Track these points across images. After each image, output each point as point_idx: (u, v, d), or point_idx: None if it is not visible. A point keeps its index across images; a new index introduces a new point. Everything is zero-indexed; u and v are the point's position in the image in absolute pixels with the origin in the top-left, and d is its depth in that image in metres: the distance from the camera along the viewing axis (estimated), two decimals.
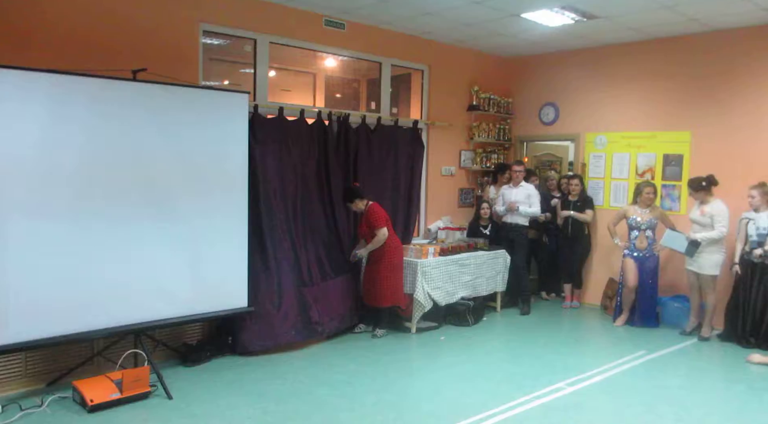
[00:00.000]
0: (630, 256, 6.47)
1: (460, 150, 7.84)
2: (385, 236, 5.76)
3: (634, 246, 6.45)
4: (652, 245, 6.40)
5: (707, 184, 5.95)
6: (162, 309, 4.56)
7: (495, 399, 4.35)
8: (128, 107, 4.34)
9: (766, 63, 6.07)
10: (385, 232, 5.76)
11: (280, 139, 5.77)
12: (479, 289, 6.70)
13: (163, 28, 5.10)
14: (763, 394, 4.64)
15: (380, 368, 5.04)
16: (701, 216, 5.94)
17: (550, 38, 6.98)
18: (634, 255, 6.44)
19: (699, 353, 5.74)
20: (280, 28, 5.92)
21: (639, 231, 6.41)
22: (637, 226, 6.41)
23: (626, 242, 6.53)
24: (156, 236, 4.51)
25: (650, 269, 6.42)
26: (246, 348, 5.22)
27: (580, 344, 5.99)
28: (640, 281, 6.42)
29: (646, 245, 6.40)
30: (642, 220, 6.38)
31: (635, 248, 6.44)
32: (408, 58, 7.17)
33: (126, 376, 4.11)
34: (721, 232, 5.82)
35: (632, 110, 7.12)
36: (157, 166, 4.51)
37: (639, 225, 6.39)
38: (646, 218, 6.38)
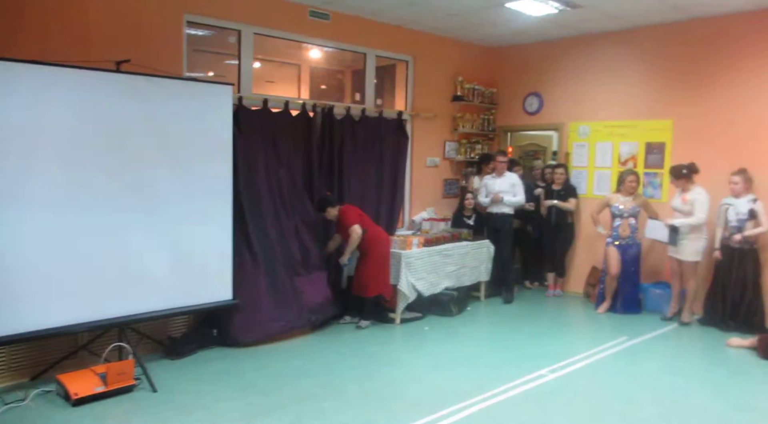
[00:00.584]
0: (613, 244, 6.55)
1: (445, 141, 7.86)
2: (358, 232, 5.78)
3: (617, 234, 6.52)
4: (634, 232, 6.47)
5: (688, 172, 6.02)
6: (146, 302, 4.55)
7: (478, 387, 4.39)
8: (111, 98, 4.31)
9: (747, 50, 6.13)
10: (356, 228, 5.78)
11: (265, 130, 5.76)
12: (463, 279, 6.75)
13: (146, 18, 5.06)
14: (741, 377, 4.75)
15: (365, 358, 5.07)
16: (683, 204, 6.02)
17: (533, 28, 7.00)
18: (617, 243, 6.52)
19: (679, 337, 5.84)
20: (265, 19, 5.89)
21: (622, 219, 6.48)
22: (620, 214, 6.48)
23: (609, 231, 6.60)
24: (141, 228, 4.50)
25: (633, 256, 6.50)
26: (236, 339, 5.22)
27: (563, 332, 6.06)
28: (622, 269, 6.50)
29: (629, 233, 6.48)
30: (625, 208, 6.45)
31: (618, 236, 6.52)
32: (393, 48, 7.16)
33: (110, 369, 4.11)
34: (699, 218, 5.90)
35: (614, 99, 7.17)
36: (142, 158, 4.50)
37: (622, 213, 6.46)
38: (629, 205, 6.45)
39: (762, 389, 4.53)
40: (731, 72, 6.25)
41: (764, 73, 6.02)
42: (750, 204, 5.75)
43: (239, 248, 5.33)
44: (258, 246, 5.56)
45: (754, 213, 5.72)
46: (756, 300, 5.85)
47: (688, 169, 6.02)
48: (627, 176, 6.48)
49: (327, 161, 6.33)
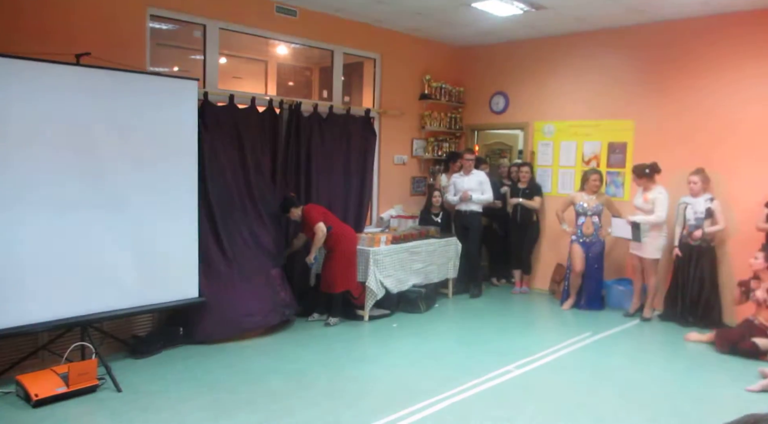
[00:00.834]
0: (577, 241, 6.67)
1: (412, 139, 7.89)
2: (323, 230, 5.78)
3: (581, 232, 6.65)
4: (598, 230, 6.61)
5: (650, 172, 6.18)
6: (109, 300, 4.45)
7: (446, 384, 4.43)
8: (71, 93, 4.19)
9: (704, 54, 6.31)
10: (321, 226, 5.78)
11: (231, 127, 5.70)
12: (431, 276, 6.80)
13: (108, 11, 4.94)
14: (700, 370, 4.89)
15: (333, 355, 5.06)
16: (644, 203, 6.17)
17: (500, 28, 7.08)
18: (581, 241, 6.65)
19: (641, 333, 5.99)
20: (231, 14, 5.82)
21: (585, 217, 6.61)
22: (583, 212, 6.61)
23: (573, 228, 6.73)
24: (103, 225, 4.40)
25: (596, 253, 6.63)
26: (210, 336, 5.15)
27: (529, 328, 6.15)
28: (586, 266, 6.63)
29: (592, 231, 6.61)
30: (588, 206, 6.59)
31: (582, 234, 6.65)
32: (360, 46, 7.16)
33: (72, 369, 4.01)
34: (659, 216, 6.06)
35: (578, 99, 7.31)
36: (104, 154, 4.39)
37: (586, 211, 6.60)
38: (593, 204, 6.58)
39: (719, 382, 4.68)
40: (690, 74, 6.43)
41: (721, 76, 6.21)
42: (707, 203, 5.93)
43: (207, 245, 5.27)
44: (227, 242, 5.51)
45: (711, 212, 5.90)
46: (713, 296, 6.04)
47: (651, 169, 6.18)
48: (591, 175, 6.61)
49: (294, 158, 6.29)
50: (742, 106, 6.08)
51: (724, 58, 6.19)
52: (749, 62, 6.03)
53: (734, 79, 6.13)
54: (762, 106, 5.96)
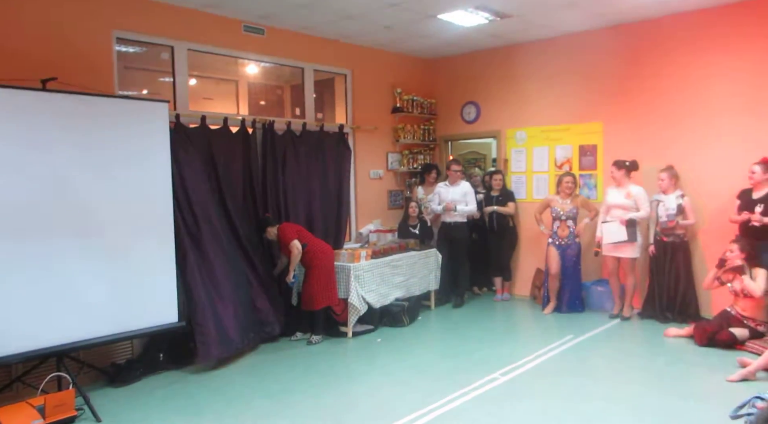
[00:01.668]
0: (553, 244, 6.74)
1: (387, 152, 7.92)
2: (298, 247, 5.76)
3: (556, 235, 6.72)
4: (573, 233, 6.68)
5: (630, 167, 6.29)
6: (86, 329, 4.35)
7: (432, 396, 4.40)
8: (37, 119, 4.13)
9: (665, 53, 6.46)
10: (296, 243, 5.76)
11: (204, 148, 5.68)
12: (413, 289, 6.78)
13: (73, 35, 4.91)
14: (681, 364, 4.95)
15: (318, 374, 5.01)
16: (626, 199, 6.23)
17: (467, 38, 7.18)
18: (557, 243, 6.71)
19: (622, 332, 6.03)
20: (199, 35, 5.82)
21: (560, 221, 6.68)
22: (557, 216, 6.69)
23: (549, 230, 6.79)
24: (76, 252, 4.31)
25: (572, 256, 6.70)
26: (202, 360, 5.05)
27: (512, 335, 6.16)
28: (563, 269, 6.69)
29: (567, 234, 6.67)
30: (562, 210, 6.66)
31: (557, 237, 6.71)
32: (330, 62, 7.19)
33: (49, 401, 3.90)
34: (647, 210, 6.16)
35: (548, 105, 7.41)
36: (75, 180, 4.32)
37: (560, 215, 6.67)
38: (567, 208, 6.66)
39: (700, 375, 4.74)
40: (653, 75, 6.56)
41: (684, 76, 6.35)
42: (678, 200, 6.03)
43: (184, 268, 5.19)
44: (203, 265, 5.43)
45: (682, 208, 6.00)
46: (689, 291, 6.13)
47: (631, 164, 6.30)
48: (564, 178, 6.70)
49: (270, 177, 6.26)
50: (705, 102, 6.22)
51: (684, 56, 6.34)
52: (709, 59, 6.18)
53: (696, 76, 6.27)
54: (724, 101, 6.10)
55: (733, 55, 6.04)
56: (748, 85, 5.97)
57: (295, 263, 5.79)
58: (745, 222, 5.54)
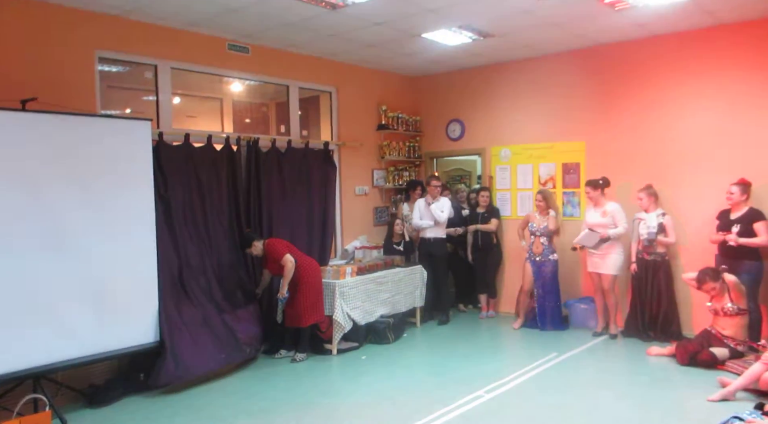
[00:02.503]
0: (528, 260, 6.80)
1: (372, 169, 7.94)
2: (292, 262, 5.74)
3: (531, 251, 6.77)
4: (547, 250, 6.71)
5: (603, 183, 6.35)
6: (63, 350, 4.31)
7: (417, 413, 4.39)
8: (17, 139, 4.11)
9: (645, 74, 6.55)
10: (289, 258, 5.74)
11: (188, 166, 5.67)
12: (398, 306, 6.77)
13: (55, 55, 4.90)
14: (662, 383, 4.96)
15: (301, 392, 4.98)
16: (603, 218, 6.29)
17: (451, 57, 7.24)
18: (532, 259, 6.79)
19: (606, 350, 6.04)
20: (182, 53, 5.83)
21: (535, 237, 6.73)
22: (533, 232, 6.76)
23: (527, 245, 6.85)
24: (55, 270, 4.29)
25: (548, 273, 6.74)
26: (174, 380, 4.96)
27: (497, 352, 6.16)
28: (541, 286, 6.74)
29: (541, 250, 6.73)
30: (537, 227, 6.72)
31: (532, 253, 6.76)
32: (315, 80, 7.22)
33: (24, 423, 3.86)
34: (625, 227, 6.21)
35: (532, 123, 7.48)
36: (55, 199, 4.31)
37: (535, 231, 6.74)
38: (542, 224, 6.71)
39: (681, 394, 4.75)
40: (632, 95, 6.66)
41: (663, 97, 6.44)
42: (659, 218, 6.08)
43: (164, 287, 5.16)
44: (184, 284, 5.41)
45: (663, 227, 6.05)
46: (671, 310, 6.15)
47: (603, 182, 6.37)
48: (536, 196, 6.82)
49: (255, 194, 6.26)
50: (684, 122, 6.31)
51: (663, 77, 6.44)
52: (688, 80, 6.28)
53: (675, 97, 6.37)
54: (702, 121, 6.19)
55: (711, 76, 6.14)
56: (726, 107, 6.06)
57: (289, 278, 5.75)
58: (723, 242, 5.60)
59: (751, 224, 5.51)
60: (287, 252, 5.78)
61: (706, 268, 5.42)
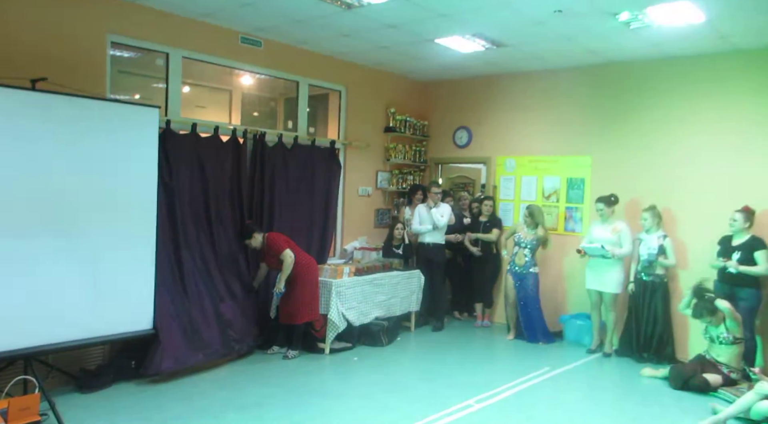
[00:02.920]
0: (510, 272, 6.82)
1: (377, 171, 7.93)
2: (292, 257, 5.74)
3: (514, 262, 6.78)
4: (529, 263, 6.70)
5: (614, 200, 6.34)
6: (56, 332, 4.28)
7: (405, 418, 4.38)
8: (24, 118, 4.09)
9: (655, 94, 6.54)
10: (289, 253, 5.74)
11: (193, 155, 5.65)
12: (393, 309, 6.76)
13: (67, 37, 4.88)
14: (654, 405, 4.94)
15: (292, 390, 4.96)
16: (612, 233, 6.25)
17: (463, 64, 7.23)
18: (513, 271, 6.80)
19: (599, 368, 6.03)
20: (195, 43, 5.82)
21: (519, 248, 6.73)
22: (518, 242, 6.76)
23: (509, 256, 6.87)
24: (53, 254, 4.25)
25: (529, 285, 6.73)
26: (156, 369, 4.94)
27: (490, 362, 6.14)
28: (524, 299, 6.74)
29: (524, 262, 6.72)
30: (524, 238, 6.72)
31: (514, 264, 6.77)
32: (325, 78, 7.21)
33: (12, 404, 3.81)
34: (628, 249, 6.17)
35: (538, 135, 7.47)
36: (58, 180, 4.27)
37: (520, 242, 6.74)
38: (529, 237, 6.71)
39: (672, 418, 4.72)
40: (641, 113, 6.64)
41: (671, 118, 6.43)
42: (660, 240, 6.05)
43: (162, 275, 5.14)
44: (181, 274, 5.40)
45: (663, 249, 6.03)
46: (666, 332, 6.12)
47: (615, 198, 6.35)
48: (524, 211, 6.82)
49: (258, 188, 6.25)
50: (691, 145, 6.30)
51: (673, 98, 6.42)
52: (696, 103, 6.28)
53: (683, 119, 6.36)
54: (709, 145, 6.18)
55: (721, 101, 6.13)
56: (734, 133, 6.05)
57: (287, 273, 5.74)
58: (723, 268, 5.58)
59: (752, 252, 5.49)
60: (287, 247, 5.77)
61: (699, 302, 5.33)
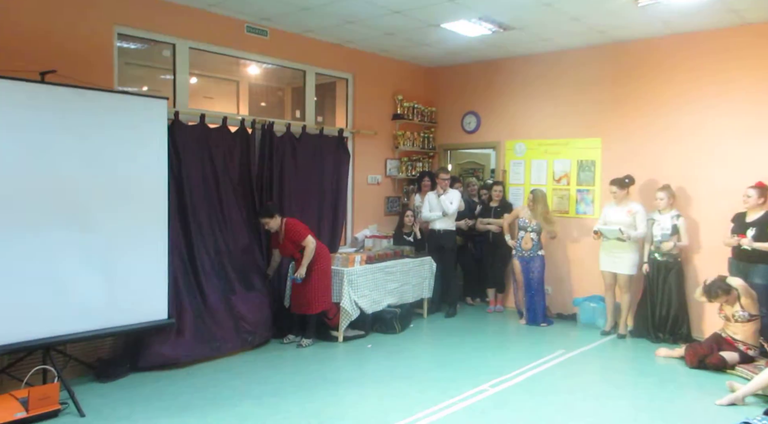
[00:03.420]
0: (516, 256, 6.81)
1: (386, 158, 7.91)
2: (314, 243, 5.76)
3: (520, 246, 6.76)
4: (536, 246, 6.70)
5: (629, 182, 6.28)
6: (74, 323, 4.33)
7: (420, 404, 4.38)
8: (35, 111, 4.12)
9: (667, 72, 6.47)
10: (312, 240, 5.76)
11: (202, 146, 5.66)
12: (406, 296, 6.76)
13: (74, 29, 4.89)
14: (670, 385, 4.92)
15: (306, 377, 4.98)
16: (628, 215, 6.20)
17: (470, 48, 7.18)
18: (520, 255, 6.79)
19: (614, 349, 6.01)
20: (201, 34, 5.81)
21: (525, 232, 6.71)
22: (524, 227, 6.74)
23: (515, 241, 6.84)
24: (67, 245, 4.30)
25: (536, 269, 6.74)
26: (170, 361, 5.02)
27: (503, 347, 6.13)
28: (529, 282, 6.76)
29: (530, 246, 6.71)
30: (529, 222, 6.71)
31: (521, 249, 6.75)
32: (332, 66, 7.19)
33: (33, 393, 3.87)
34: (643, 231, 6.12)
35: (547, 118, 7.41)
36: (69, 173, 4.31)
37: (526, 226, 6.73)
38: (534, 221, 6.70)
39: (689, 397, 4.71)
40: (651, 93, 6.57)
41: (682, 97, 6.36)
42: (674, 220, 6.01)
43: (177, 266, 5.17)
44: (197, 263, 5.43)
45: (677, 229, 5.98)
46: (681, 312, 6.09)
47: (629, 180, 6.28)
48: (530, 193, 6.82)
49: (267, 178, 6.25)
50: (703, 123, 6.23)
51: (683, 76, 6.35)
52: (708, 80, 6.19)
53: (694, 97, 6.28)
54: (721, 122, 6.11)
55: (733, 77, 6.04)
56: (745, 109, 5.97)
57: (309, 259, 5.74)
58: (738, 245, 5.53)
59: (766, 227, 5.43)
60: (310, 234, 5.77)
61: (713, 282, 5.30)
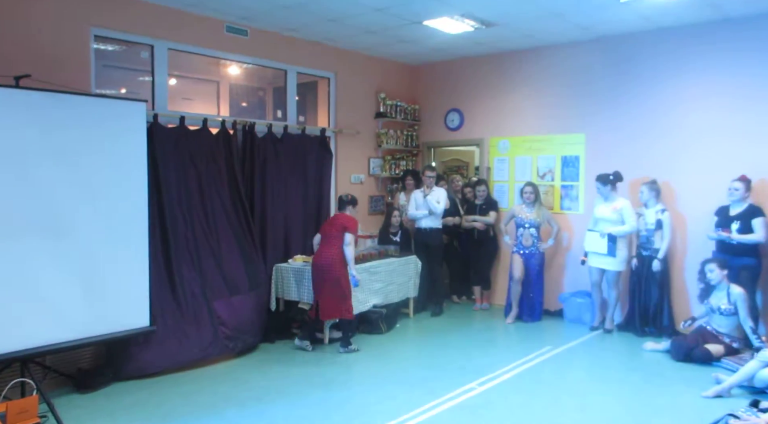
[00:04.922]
0: (517, 252, 6.81)
1: (369, 157, 7.86)
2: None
3: (521, 243, 6.77)
4: (536, 242, 6.71)
5: (614, 179, 6.27)
6: (52, 333, 4.22)
7: (407, 405, 4.35)
8: (9, 117, 4.01)
9: (648, 67, 6.48)
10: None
11: (182, 149, 5.57)
12: (391, 296, 6.71)
13: (49, 32, 4.78)
14: (657, 379, 4.95)
15: (291, 381, 4.92)
16: (613, 212, 6.21)
17: (452, 45, 7.15)
18: (521, 252, 6.80)
19: (601, 344, 6.02)
20: (180, 34, 5.72)
21: (524, 229, 6.72)
22: (522, 224, 6.74)
23: (514, 240, 6.84)
24: (44, 253, 4.19)
25: (536, 264, 6.77)
26: (147, 370, 4.94)
27: (490, 344, 6.11)
28: (528, 276, 6.76)
29: (531, 242, 6.74)
30: (526, 218, 6.71)
31: (522, 245, 6.77)
32: (314, 65, 7.12)
33: (11, 407, 3.77)
34: (632, 226, 6.12)
35: (531, 114, 7.41)
36: (46, 179, 4.20)
37: (524, 223, 6.73)
38: (531, 217, 6.70)
39: (675, 390, 4.73)
40: (635, 88, 6.59)
41: (666, 91, 6.38)
42: (658, 215, 6.03)
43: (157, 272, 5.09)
44: (177, 269, 5.34)
45: (661, 223, 6.00)
46: (666, 305, 6.11)
47: (615, 176, 6.27)
48: (524, 188, 6.80)
49: (249, 179, 6.18)
50: (686, 116, 6.25)
51: (666, 71, 6.37)
52: (691, 74, 6.22)
53: (678, 91, 6.30)
54: (704, 116, 6.13)
55: (715, 71, 6.08)
56: (730, 103, 6.00)
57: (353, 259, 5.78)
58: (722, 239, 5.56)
59: (749, 220, 5.47)
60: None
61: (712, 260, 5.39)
